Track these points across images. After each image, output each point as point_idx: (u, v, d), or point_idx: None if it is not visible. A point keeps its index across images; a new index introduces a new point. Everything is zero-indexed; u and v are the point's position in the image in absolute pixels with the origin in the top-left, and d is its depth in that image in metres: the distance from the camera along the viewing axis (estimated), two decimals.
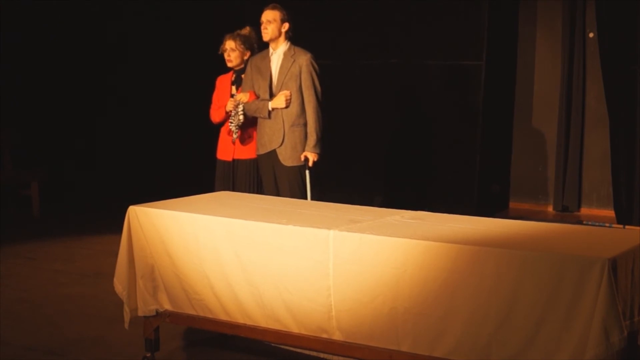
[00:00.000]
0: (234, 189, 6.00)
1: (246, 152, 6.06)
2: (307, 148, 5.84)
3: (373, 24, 8.44)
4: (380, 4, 8.38)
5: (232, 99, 5.97)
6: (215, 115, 6.13)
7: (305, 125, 5.85)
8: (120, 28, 9.71)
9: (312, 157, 5.83)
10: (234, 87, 6.13)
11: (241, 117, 5.87)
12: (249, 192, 5.93)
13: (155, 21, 9.55)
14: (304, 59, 5.84)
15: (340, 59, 8.43)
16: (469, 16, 8.04)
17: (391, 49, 8.37)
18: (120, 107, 9.81)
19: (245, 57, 6.11)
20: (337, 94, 7.73)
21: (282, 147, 5.85)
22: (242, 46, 6.12)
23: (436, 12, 8.19)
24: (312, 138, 5.83)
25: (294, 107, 5.83)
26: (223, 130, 6.13)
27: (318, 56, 5.93)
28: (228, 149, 6.11)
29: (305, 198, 5.75)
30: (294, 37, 5.93)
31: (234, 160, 6.10)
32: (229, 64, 6.15)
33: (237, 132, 5.93)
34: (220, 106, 6.08)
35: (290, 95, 5.81)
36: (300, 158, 5.84)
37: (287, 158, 5.85)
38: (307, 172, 5.85)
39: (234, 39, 6.12)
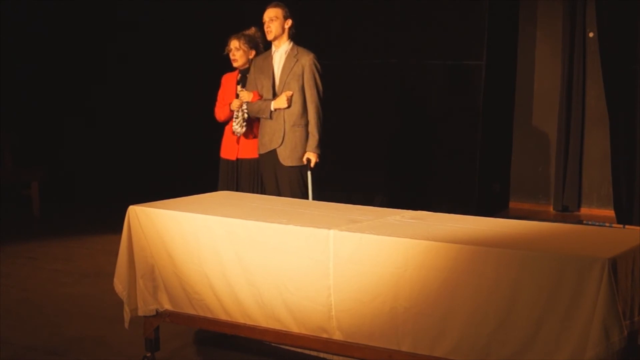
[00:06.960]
0: (237, 188, 6.00)
1: (250, 151, 6.05)
2: (308, 149, 5.83)
3: (373, 24, 8.44)
4: (380, 4, 8.38)
5: (236, 99, 5.97)
6: (220, 113, 6.13)
7: (306, 125, 5.84)
8: (122, 27, 9.70)
9: (313, 158, 5.82)
10: (239, 87, 6.12)
11: (245, 115, 5.88)
12: (253, 191, 5.93)
13: (157, 20, 9.54)
14: (307, 58, 5.84)
15: (341, 59, 8.43)
16: (469, 16, 8.03)
17: (391, 49, 8.36)
18: (121, 107, 9.81)
19: (250, 57, 6.12)
20: (338, 93, 7.72)
21: (282, 147, 5.84)
22: (246, 45, 6.12)
23: (436, 12, 8.19)
24: (313, 139, 5.82)
25: (296, 107, 5.83)
26: (227, 129, 6.13)
27: (318, 56, 5.92)
28: (232, 147, 6.11)
29: (307, 198, 5.74)
30: (296, 37, 5.93)
31: (237, 159, 6.10)
32: (235, 64, 6.16)
33: (240, 131, 5.93)
34: (225, 104, 6.08)
35: (292, 96, 5.81)
36: (300, 158, 5.83)
37: (286, 158, 5.84)
38: (308, 172, 5.85)
39: (238, 39, 6.13)
